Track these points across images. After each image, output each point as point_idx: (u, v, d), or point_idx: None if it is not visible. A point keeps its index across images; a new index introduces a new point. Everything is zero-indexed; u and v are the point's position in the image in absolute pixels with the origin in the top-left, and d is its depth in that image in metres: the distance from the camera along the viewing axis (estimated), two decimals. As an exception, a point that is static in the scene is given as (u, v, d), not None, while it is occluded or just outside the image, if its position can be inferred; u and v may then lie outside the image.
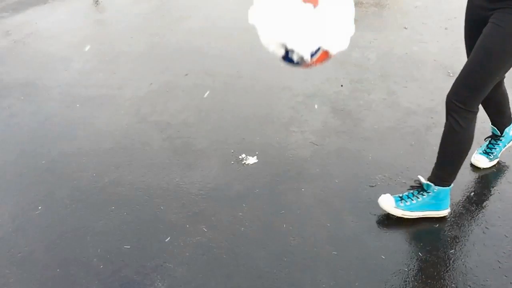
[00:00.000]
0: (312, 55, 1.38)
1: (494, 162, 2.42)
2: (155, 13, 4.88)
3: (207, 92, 1.67)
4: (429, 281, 1.78)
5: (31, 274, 1.83)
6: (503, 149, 2.44)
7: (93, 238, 1.99)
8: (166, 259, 1.88)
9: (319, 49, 1.38)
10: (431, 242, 1.95)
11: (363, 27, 4.43)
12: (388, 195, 2.05)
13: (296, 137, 2.66)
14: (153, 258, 1.89)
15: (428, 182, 2.03)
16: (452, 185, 2.02)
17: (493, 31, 1.79)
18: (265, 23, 1.38)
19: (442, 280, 1.78)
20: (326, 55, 1.41)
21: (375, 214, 2.09)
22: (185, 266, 1.85)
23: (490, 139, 2.43)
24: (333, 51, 1.40)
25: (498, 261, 1.87)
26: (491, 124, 2.40)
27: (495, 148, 2.41)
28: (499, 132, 2.39)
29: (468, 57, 2.05)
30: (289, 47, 1.36)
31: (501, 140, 2.42)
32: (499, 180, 2.36)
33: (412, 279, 1.78)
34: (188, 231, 2.02)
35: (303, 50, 1.36)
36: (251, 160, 2.45)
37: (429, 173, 2.01)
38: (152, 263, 1.86)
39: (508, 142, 2.43)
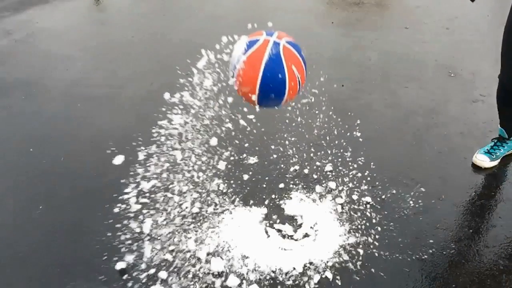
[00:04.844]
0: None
1: (496, 162, 2.42)
2: (156, 12, 4.88)
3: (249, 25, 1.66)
4: (429, 281, 1.78)
5: (32, 273, 1.84)
6: (506, 153, 2.45)
7: (95, 238, 1.99)
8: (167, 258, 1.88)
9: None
10: (432, 242, 1.95)
11: (364, 27, 4.44)
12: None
13: (297, 137, 2.66)
14: (154, 258, 1.89)
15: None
16: None
17: None
18: None
19: (442, 280, 1.78)
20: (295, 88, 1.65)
21: (376, 214, 2.09)
22: (186, 265, 1.86)
23: (496, 140, 2.44)
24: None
25: (498, 261, 1.87)
26: (500, 126, 2.41)
27: (500, 150, 2.41)
28: (507, 135, 2.40)
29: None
30: None
31: (507, 143, 2.42)
32: (500, 180, 2.37)
33: (412, 279, 1.78)
34: (190, 230, 2.02)
35: None
36: (252, 160, 2.45)
37: (429, 173, 2.01)
38: (153, 262, 1.87)
39: None
